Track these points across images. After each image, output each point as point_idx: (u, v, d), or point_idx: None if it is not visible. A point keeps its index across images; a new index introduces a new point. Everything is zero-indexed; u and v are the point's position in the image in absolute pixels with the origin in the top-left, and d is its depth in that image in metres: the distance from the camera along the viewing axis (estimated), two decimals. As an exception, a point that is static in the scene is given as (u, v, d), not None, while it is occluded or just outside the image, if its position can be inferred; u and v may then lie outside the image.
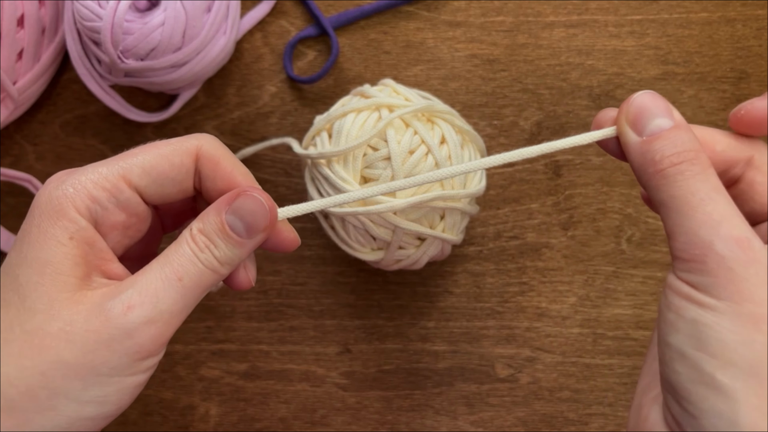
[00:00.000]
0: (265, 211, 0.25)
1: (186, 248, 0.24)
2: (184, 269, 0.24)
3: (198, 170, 0.26)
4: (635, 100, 0.24)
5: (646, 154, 0.23)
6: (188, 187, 0.26)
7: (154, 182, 0.25)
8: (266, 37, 0.44)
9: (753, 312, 0.20)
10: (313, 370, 0.43)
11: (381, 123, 0.34)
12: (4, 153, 0.45)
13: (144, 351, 0.23)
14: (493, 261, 0.43)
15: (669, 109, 0.23)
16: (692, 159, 0.22)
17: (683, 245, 0.21)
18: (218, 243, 0.24)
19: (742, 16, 0.43)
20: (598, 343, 0.42)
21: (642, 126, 0.23)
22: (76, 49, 0.41)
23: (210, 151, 0.26)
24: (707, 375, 0.20)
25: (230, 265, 0.25)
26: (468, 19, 0.44)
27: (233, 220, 0.24)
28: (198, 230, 0.24)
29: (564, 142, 0.26)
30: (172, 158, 0.25)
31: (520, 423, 0.42)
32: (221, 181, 0.25)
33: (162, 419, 0.43)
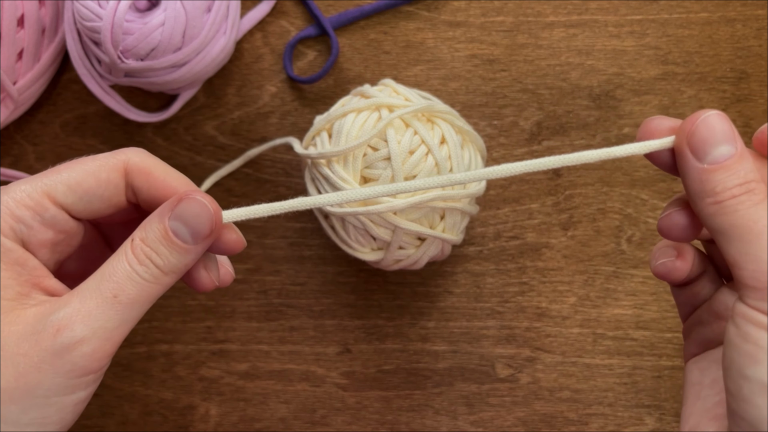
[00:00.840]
0: (210, 214, 0.24)
1: (123, 262, 0.23)
2: (120, 286, 0.23)
3: (130, 184, 0.25)
4: (701, 124, 0.22)
5: (706, 183, 0.22)
6: (120, 202, 0.25)
7: (81, 199, 0.25)
8: (266, 37, 0.44)
9: None
10: (313, 370, 0.43)
11: (381, 123, 0.34)
12: (4, 153, 0.45)
13: (79, 370, 0.23)
14: (493, 261, 0.43)
15: (734, 135, 0.22)
16: (753, 189, 0.22)
17: (753, 273, 0.21)
18: (162, 251, 0.24)
19: (742, 16, 0.43)
20: (598, 343, 0.42)
21: (704, 152, 0.22)
22: (76, 49, 0.41)
23: (138, 163, 0.25)
24: None
25: (176, 273, 0.24)
26: (468, 19, 0.44)
27: (177, 226, 0.24)
28: (140, 239, 0.24)
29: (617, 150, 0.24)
30: (98, 174, 0.25)
31: (520, 423, 0.42)
32: (156, 190, 0.25)
33: (162, 419, 0.43)
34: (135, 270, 0.23)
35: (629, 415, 0.42)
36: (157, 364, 0.43)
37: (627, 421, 0.42)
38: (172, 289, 0.45)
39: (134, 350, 0.43)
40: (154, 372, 0.43)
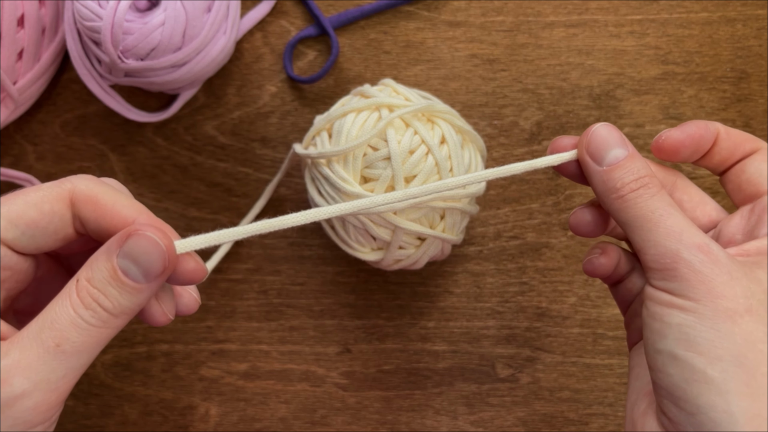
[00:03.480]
0: (162, 251, 0.22)
1: (67, 307, 0.22)
2: (63, 334, 0.21)
3: (77, 215, 0.23)
4: (593, 133, 0.26)
5: (608, 183, 0.25)
6: (68, 235, 0.24)
7: (24, 234, 0.23)
8: (266, 37, 0.44)
9: (727, 307, 0.22)
10: (313, 370, 0.43)
11: (381, 123, 0.34)
12: (4, 153, 0.45)
13: (23, 424, 0.21)
14: (493, 261, 0.43)
15: (623, 139, 0.26)
16: (648, 183, 0.25)
17: (654, 257, 0.24)
18: (110, 292, 0.22)
19: (742, 16, 0.43)
20: (598, 343, 0.42)
21: (601, 157, 0.26)
22: (76, 49, 0.41)
23: (85, 191, 0.23)
24: (699, 372, 0.22)
25: (127, 315, 0.22)
26: (468, 19, 0.44)
27: (127, 264, 0.22)
28: (86, 280, 0.22)
29: (524, 165, 0.27)
30: (41, 205, 0.23)
31: (520, 423, 0.42)
32: (105, 221, 0.23)
33: (162, 419, 0.43)
34: (80, 315, 0.22)
35: (629, 415, 0.42)
36: (157, 364, 0.43)
37: None
38: (172, 289, 0.44)
39: (134, 350, 0.43)
40: (154, 372, 0.43)
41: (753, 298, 0.23)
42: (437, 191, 0.28)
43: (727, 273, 0.23)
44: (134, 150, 0.44)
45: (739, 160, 0.27)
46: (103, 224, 0.23)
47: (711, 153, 0.27)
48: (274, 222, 0.25)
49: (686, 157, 0.27)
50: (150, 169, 0.44)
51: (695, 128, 0.27)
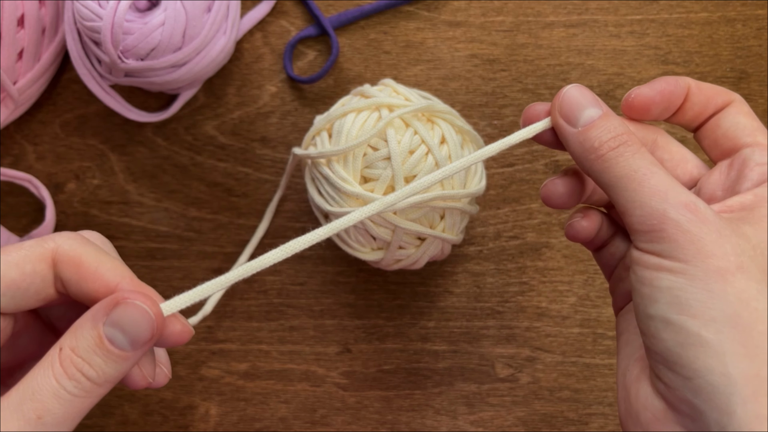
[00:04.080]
0: (151, 320, 0.22)
1: (50, 378, 0.21)
2: (45, 405, 0.20)
3: (58, 275, 0.23)
4: (565, 96, 0.25)
5: (585, 143, 0.25)
6: (49, 294, 0.23)
7: (4, 295, 0.22)
8: (266, 37, 0.44)
9: (718, 266, 0.22)
10: (313, 369, 0.43)
11: (381, 122, 0.34)
12: (4, 153, 0.45)
13: None
14: (493, 261, 0.43)
15: (596, 99, 0.25)
16: (627, 141, 0.24)
17: (640, 218, 0.23)
18: (95, 361, 0.21)
19: (742, 16, 0.43)
20: (598, 342, 0.42)
21: (575, 118, 0.25)
22: (76, 49, 0.41)
23: (68, 252, 0.22)
24: (693, 335, 0.21)
25: (111, 383, 0.22)
26: (468, 19, 0.44)
27: (113, 333, 0.21)
28: (70, 349, 0.21)
29: (498, 144, 0.27)
30: (23, 266, 0.22)
31: (520, 423, 0.42)
32: (87, 284, 0.22)
33: (162, 419, 0.43)
34: (63, 386, 0.21)
35: (629, 414, 0.42)
36: (157, 363, 0.43)
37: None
38: (171, 289, 0.45)
39: (134, 350, 0.43)
40: None
41: (743, 255, 0.22)
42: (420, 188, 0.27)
43: (716, 231, 0.22)
44: (134, 150, 0.44)
45: (713, 114, 0.26)
46: (84, 287, 0.22)
47: (683, 109, 0.26)
48: (254, 264, 0.24)
49: (658, 115, 0.27)
50: (150, 169, 0.44)
51: (665, 84, 0.26)
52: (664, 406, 0.23)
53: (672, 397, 0.22)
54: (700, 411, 0.21)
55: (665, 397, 0.23)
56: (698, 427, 0.21)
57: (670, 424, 0.22)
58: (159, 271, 0.43)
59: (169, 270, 0.43)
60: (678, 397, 0.22)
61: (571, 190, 0.28)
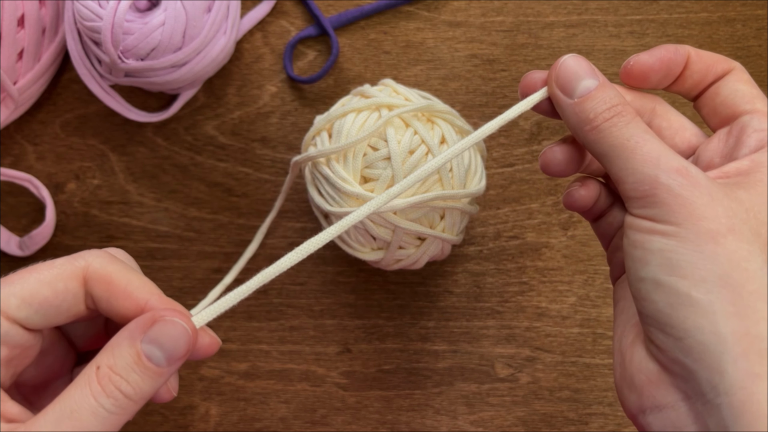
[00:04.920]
0: (188, 335, 0.23)
1: (88, 396, 0.22)
2: (84, 424, 0.21)
3: (89, 293, 0.23)
4: (562, 66, 0.25)
5: (580, 114, 0.25)
6: (79, 311, 0.24)
7: (36, 312, 0.23)
8: (266, 37, 0.44)
9: (709, 228, 0.22)
10: (313, 369, 0.43)
11: (380, 121, 0.34)
12: (4, 153, 0.45)
13: None
14: (493, 261, 0.43)
15: (593, 69, 0.25)
16: (621, 112, 0.24)
17: (633, 185, 0.23)
18: (133, 378, 0.22)
19: (741, 16, 0.43)
20: (598, 342, 0.42)
21: (571, 89, 0.25)
22: (76, 49, 0.41)
23: (99, 270, 0.23)
24: (683, 295, 0.21)
25: (145, 400, 0.23)
26: (468, 19, 0.44)
27: (151, 350, 0.22)
28: (108, 367, 0.22)
29: (498, 120, 0.27)
30: (55, 284, 0.23)
31: (520, 423, 0.42)
32: (117, 301, 0.23)
33: (162, 419, 0.43)
34: (101, 404, 0.22)
35: (629, 414, 0.42)
36: (158, 363, 0.43)
37: (627, 421, 0.42)
38: (171, 289, 0.45)
39: (134, 350, 0.43)
40: (154, 372, 0.43)
41: (735, 218, 0.22)
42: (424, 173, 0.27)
43: (708, 194, 0.22)
44: (134, 150, 0.44)
45: (712, 82, 0.26)
46: (115, 305, 0.23)
47: (683, 77, 0.26)
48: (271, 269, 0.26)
49: (657, 83, 0.26)
50: (150, 169, 0.44)
51: (664, 51, 0.26)
52: (658, 369, 0.23)
53: (664, 359, 0.22)
54: (692, 371, 0.21)
55: (658, 359, 0.23)
56: (690, 387, 0.22)
57: (664, 386, 0.23)
58: (159, 271, 0.43)
59: (169, 270, 0.43)
60: (670, 359, 0.22)
61: (569, 157, 0.28)
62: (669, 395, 0.22)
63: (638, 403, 0.23)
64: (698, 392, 0.21)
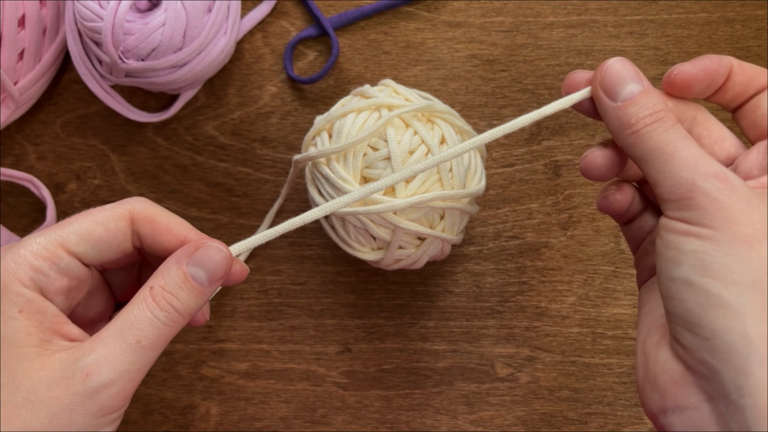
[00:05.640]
0: (227, 258, 0.26)
1: (145, 310, 0.25)
2: (143, 332, 0.25)
3: (135, 231, 0.27)
4: (608, 69, 0.26)
5: (622, 118, 0.25)
6: (127, 248, 0.27)
7: (92, 247, 0.26)
8: (267, 38, 0.44)
9: (744, 233, 0.22)
10: (313, 369, 0.43)
11: (381, 121, 0.34)
12: (5, 153, 0.45)
13: (106, 409, 0.24)
14: (493, 261, 0.43)
15: (638, 74, 0.26)
16: (663, 117, 0.25)
17: (669, 188, 0.24)
18: (181, 295, 0.26)
19: (741, 16, 0.43)
20: (598, 342, 0.42)
21: (615, 93, 0.25)
22: (77, 50, 0.41)
23: (143, 211, 0.27)
24: (715, 296, 0.22)
25: (190, 315, 0.26)
26: (468, 19, 0.44)
27: (195, 271, 0.26)
28: (160, 287, 0.26)
29: (549, 108, 0.27)
30: (107, 223, 0.26)
31: (520, 422, 0.42)
32: (161, 236, 0.27)
33: (162, 418, 0.43)
34: (156, 316, 0.25)
35: (628, 414, 0.42)
36: (158, 363, 0.43)
37: (626, 420, 0.42)
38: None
39: (135, 350, 0.43)
40: (154, 371, 0.43)
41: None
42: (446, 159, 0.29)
43: (745, 200, 0.23)
44: (135, 150, 0.44)
45: (753, 95, 0.26)
46: (159, 239, 0.27)
47: (725, 88, 0.27)
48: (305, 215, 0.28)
49: (699, 93, 0.27)
50: (151, 169, 0.44)
51: (708, 62, 0.26)
52: (682, 369, 0.23)
53: (690, 359, 0.23)
54: (717, 371, 0.21)
55: (683, 359, 0.23)
56: (714, 388, 0.22)
57: (687, 386, 0.23)
58: (159, 271, 0.44)
59: (169, 270, 0.44)
60: (696, 358, 0.22)
61: (611, 162, 0.28)
62: (692, 396, 0.23)
63: (660, 403, 0.24)
64: (722, 393, 0.22)
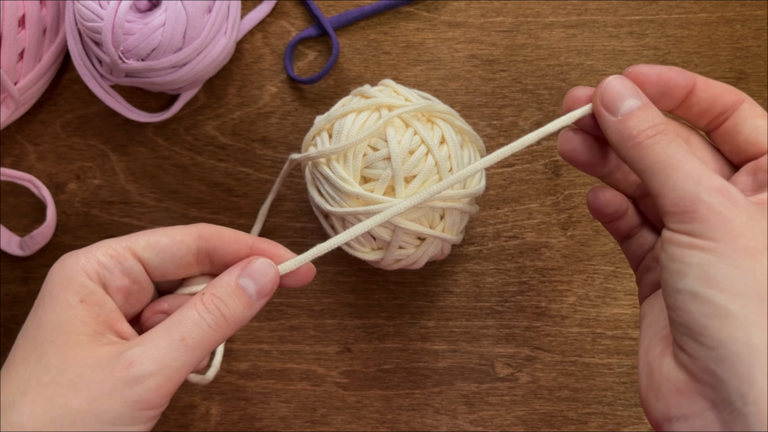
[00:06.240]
0: (274, 274, 0.28)
1: (193, 312, 0.26)
2: (188, 330, 0.26)
3: (205, 249, 0.28)
4: (607, 85, 0.26)
5: (623, 131, 0.26)
6: (188, 263, 0.29)
7: (157, 255, 0.28)
8: (267, 38, 0.44)
9: (747, 246, 0.23)
10: (313, 369, 0.43)
11: (381, 121, 0.34)
12: (5, 153, 0.45)
13: (144, 402, 0.25)
14: (493, 261, 0.43)
15: (637, 91, 0.26)
16: (664, 130, 0.25)
17: (673, 200, 0.24)
18: (230, 302, 0.27)
19: (740, 16, 0.43)
20: (597, 342, 0.42)
21: (615, 107, 0.26)
22: (77, 50, 0.41)
23: (210, 229, 0.29)
24: (720, 307, 0.22)
25: (236, 325, 0.27)
26: (468, 19, 0.44)
27: (246, 282, 0.27)
28: (211, 294, 0.27)
29: (552, 125, 0.28)
30: (174, 236, 0.28)
31: (520, 422, 0.42)
32: (231, 246, 0.28)
33: (162, 418, 0.43)
34: (203, 317, 0.26)
35: (628, 414, 0.42)
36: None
37: (626, 420, 0.42)
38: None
39: (135, 349, 0.43)
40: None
41: None
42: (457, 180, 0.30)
43: (746, 213, 0.23)
44: (135, 150, 0.44)
45: (721, 113, 0.27)
46: (229, 249, 0.28)
47: (688, 103, 0.27)
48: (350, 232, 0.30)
49: (656, 100, 0.27)
50: (151, 169, 0.44)
51: (666, 70, 0.27)
52: (687, 378, 0.23)
53: (695, 368, 0.23)
54: (722, 380, 0.22)
55: (688, 368, 0.23)
56: (718, 396, 0.22)
57: (691, 395, 0.23)
58: (159, 271, 0.44)
59: (169, 270, 0.44)
60: (701, 367, 0.23)
61: (588, 146, 0.29)
62: (696, 404, 0.23)
63: (664, 412, 0.24)
64: (726, 401, 0.22)
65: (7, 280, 0.44)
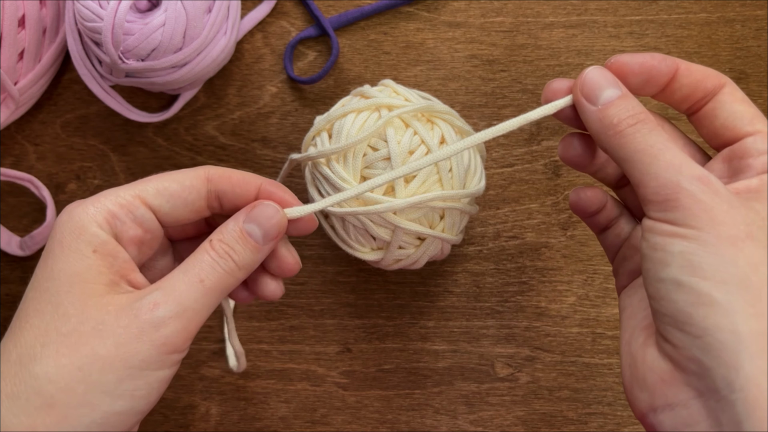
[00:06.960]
0: (280, 217, 0.28)
1: (206, 256, 0.27)
2: (205, 272, 0.26)
3: (214, 190, 0.28)
4: (587, 76, 0.27)
5: (604, 120, 0.26)
6: (200, 207, 0.28)
7: (167, 202, 0.27)
8: (267, 38, 0.44)
9: (729, 234, 0.23)
10: (313, 369, 0.43)
11: (381, 121, 0.34)
12: (5, 153, 0.45)
13: (170, 344, 0.25)
14: (493, 261, 0.43)
15: (616, 81, 0.26)
16: (644, 119, 0.25)
17: (654, 189, 0.24)
18: (237, 248, 0.27)
19: (741, 16, 0.43)
20: (597, 342, 0.42)
21: (595, 97, 0.26)
22: (77, 50, 0.41)
23: (218, 171, 0.28)
24: (704, 296, 0.22)
25: (246, 270, 0.27)
26: (468, 19, 0.44)
27: (251, 228, 0.27)
28: (218, 240, 0.27)
29: (533, 113, 0.28)
30: (183, 181, 0.28)
31: (520, 422, 0.42)
32: (240, 188, 0.28)
33: (163, 418, 0.43)
34: (217, 261, 0.26)
35: (628, 414, 0.42)
36: (158, 363, 0.43)
37: (626, 420, 0.42)
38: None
39: (135, 350, 0.43)
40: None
41: (752, 225, 0.23)
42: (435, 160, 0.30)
43: (727, 202, 0.23)
44: (135, 150, 0.44)
45: (703, 97, 0.27)
46: (238, 191, 0.28)
47: (671, 88, 0.27)
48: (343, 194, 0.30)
49: (638, 88, 0.27)
50: (151, 169, 0.44)
51: (648, 58, 0.27)
52: (671, 368, 0.23)
53: (679, 357, 0.23)
54: (708, 368, 0.22)
55: (672, 357, 0.23)
56: (704, 384, 0.22)
57: (676, 384, 0.23)
58: (159, 271, 0.44)
59: (169, 270, 0.44)
60: (686, 356, 0.23)
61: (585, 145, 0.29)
62: (682, 393, 0.23)
63: (649, 403, 0.24)
64: (712, 389, 0.22)
65: (7, 280, 0.44)
